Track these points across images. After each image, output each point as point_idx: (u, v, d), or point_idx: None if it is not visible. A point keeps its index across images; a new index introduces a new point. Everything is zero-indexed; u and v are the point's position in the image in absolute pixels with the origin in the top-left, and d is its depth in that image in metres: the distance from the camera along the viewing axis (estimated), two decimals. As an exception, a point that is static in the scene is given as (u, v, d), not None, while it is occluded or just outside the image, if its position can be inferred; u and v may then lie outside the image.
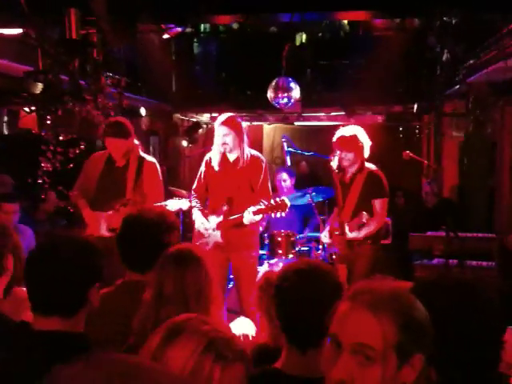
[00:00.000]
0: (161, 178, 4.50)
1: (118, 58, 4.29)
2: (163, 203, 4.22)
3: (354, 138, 4.48)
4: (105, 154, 4.46)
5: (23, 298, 1.98)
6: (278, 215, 4.31)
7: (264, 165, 4.56)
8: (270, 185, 4.62)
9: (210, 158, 4.56)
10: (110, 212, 4.24)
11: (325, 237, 4.69)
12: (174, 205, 4.27)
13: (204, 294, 2.04)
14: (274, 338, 2.23)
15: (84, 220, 4.35)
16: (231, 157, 4.46)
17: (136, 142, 4.46)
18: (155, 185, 4.39)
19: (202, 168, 4.63)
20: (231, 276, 4.71)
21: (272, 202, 4.27)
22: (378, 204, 4.43)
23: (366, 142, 4.52)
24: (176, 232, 2.53)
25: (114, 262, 2.51)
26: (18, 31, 3.71)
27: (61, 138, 4.39)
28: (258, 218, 4.33)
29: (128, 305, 2.20)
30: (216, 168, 4.49)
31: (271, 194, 4.58)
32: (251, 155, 4.50)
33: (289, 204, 4.29)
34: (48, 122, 4.00)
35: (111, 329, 2.22)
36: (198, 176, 4.68)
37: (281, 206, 4.23)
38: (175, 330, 1.25)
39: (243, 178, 4.45)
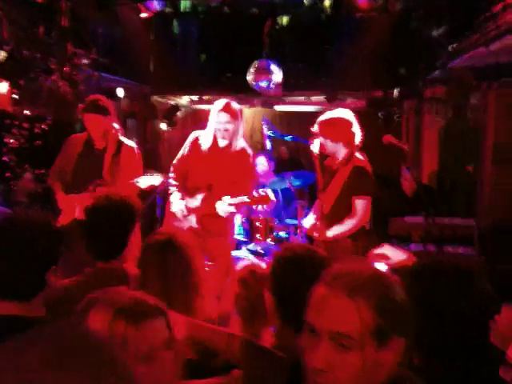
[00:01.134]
0: (140, 164, 4.42)
1: (92, 34, 4.14)
2: (134, 180, 4.15)
3: (343, 124, 4.03)
4: (84, 136, 4.38)
5: None
6: (260, 207, 4.25)
7: (251, 160, 4.49)
8: (253, 181, 4.56)
9: (198, 138, 4.46)
10: (84, 194, 4.15)
11: (307, 223, 4.31)
12: (145, 181, 4.20)
13: (187, 280, 2.00)
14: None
15: (57, 204, 4.27)
16: (221, 143, 4.37)
17: (116, 125, 4.38)
18: (132, 170, 4.30)
19: (187, 146, 4.51)
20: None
21: (255, 194, 4.19)
22: (359, 202, 3.99)
23: (357, 131, 4.05)
24: (137, 218, 2.45)
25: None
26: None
27: (27, 112, 4.25)
28: (232, 209, 4.24)
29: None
30: (204, 150, 4.40)
31: (253, 189, 4.48)
32: (241, 148, 4.42)
33: (272, 198, 4.21)
34: (14, 95, 3.85)
35: None
36: (180, 153, 4.55)
37: (264, 199, 4.15)
38: (88, 305, 1.36)
39: (228, 167, 4.36)
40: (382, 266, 2.61)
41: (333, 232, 4.03)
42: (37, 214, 1.92)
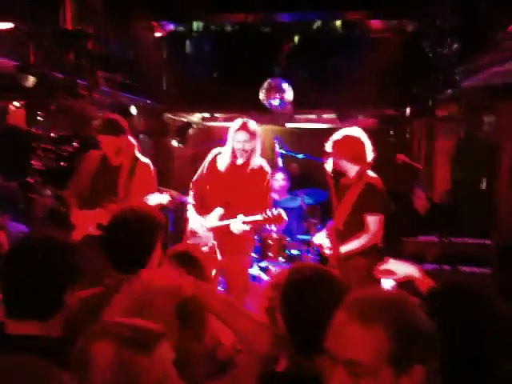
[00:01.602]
0: (154, 180, 4.45)
1: (111, 55, 4.19)
2: (144, 198, 4.17)
3: (355, 143, 4.11)
4: (100, 153, 4.42)
5: None
6: (274, 228, 4.27)
7: (269, 177, 4.52)
8: (270, 198, 4.57)
9: (216, 157, 4.51)
10: (101, 210, 4.18)
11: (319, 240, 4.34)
12: (154, 199, 4.22)
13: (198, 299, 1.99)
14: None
15: (71, 220, 4.29)
16: (239, 161, 4.43)
17: (133, 141, 4.42)
18: (146, 186, 4.33)
19: (206, 164, 4.57)
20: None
21: (269, 213, 4.20)
22: (370, 219, 4.03)
23: (369, 149, 4.13)
24: (161, 232, 2.45)
25: (101, 260, 2.43)
26: (9, 25, 3.59)
27: (52, 134, 4.29)
28: (247, 227, 4.26)
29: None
30: (222, 169, 4.45)
31: (270, 207, 4.49)
32: (259, 165, 4.46)
33: (285, 218, 4.23)
34: (39, 118, 3.89)
35: None
36: (200, 170, 4.62)
37: (277, 219, 4.18)
38: (89, 339, 1.38)
39: (246, 184, 4.40)
40: (388, 282, 2.60)
41: (345, 248, 4.05)
42: (55, 234, 1.92)
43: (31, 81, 3.52)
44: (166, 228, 5.65)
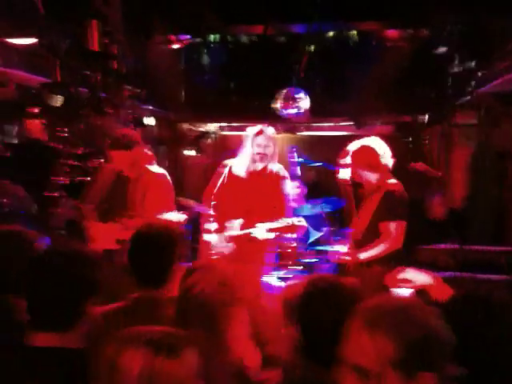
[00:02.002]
0: (170, 190, 4.45)
1: (132, 69, 4.26)
2: (160, 215, 4.18)
3: (372, 152, 4.06)
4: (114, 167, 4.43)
5: None
6: (293, 236, 4.27)
7: (288, 181, 4.53)
8: (289, 203, 4.58)
9: (232, 166, 4.54)
10: (117, 224, 4.22)
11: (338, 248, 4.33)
12: (170, 217, 4.23)
13: (227, 308, 2.02)
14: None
15: (89, 234, 4.33)
16: (258, 167, 4.44)
17: (148, 152, 4.42)
18: (163, 197, 4.34)
19: (226, 173, 4.59)
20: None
21: (290, 221, 4.21)
22: (391, 226, 3.97)
23: (387, 155, 4.08)
24: (185, 244, 2.51)
25: (119, 274, 2.48)
26: (31, 41, 3.68)
27: (79, 152, 4.35)
28: (272, 235, 4.28)
29: (147, 320, 2.17)
30: (242, 174, 4.46)
31: (290, 211, 4.52)
32: (277, 169, 4.48)
33: (305, 225, 4.24)
34: (65, 134, 3.95)
35: None
36: (220, 182, 4.63)
37: (296, 227, 4.18)
38: (119, 344, 1.36)
39: (265, 190, 4.42)
40: (405, 291, 2.59)
41: (365, 255, 4.03)
42: (75, 244, 1.96)
43: (59, 100, 3.59)
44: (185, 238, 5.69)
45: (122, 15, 3.04)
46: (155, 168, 4.45)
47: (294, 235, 4.24)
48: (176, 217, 4.27)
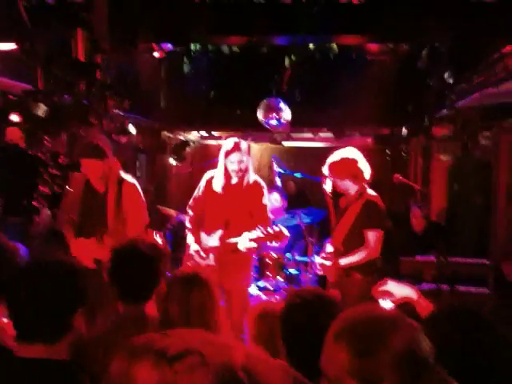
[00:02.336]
0: (142, 199, 4.35)
1: (116, 78, 4.21)
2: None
3: (351, 163, 4.19)
4: (83, 178, 4.30)
5: None
6: (275, 244, 4.26)
7: (265, 191, 4.54)
8: (268, 211, 4.59)
9: (211, 179, 4.52)
10: (93, 242, 4.14)
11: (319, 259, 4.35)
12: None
13: (209, 317, 2.01)
14: None
15: (70, 250, 4.25)
16: (233, 180, 4.44)
17: (116, 161, 4.30)
18: (136, 208, 4.25)
19: (202, 186, 4.57)
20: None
21: (270, 230, 4.21)
22: (370, 235, 4.12)
23: (365, 166, 4.22)
24: (167, 260, 2.49)
25: (99, 293, 2.44)
26: (11, 46, 3.62)
27: (60, 161, 4.27)
28: (255, 245, 4.28)
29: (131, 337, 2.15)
30: (218, 190, 4.45)
31: (270, 220, 4.53)
32: (254, 180, 4.48)
33: (287, 234, 4.24)
34: (47, 143, 3.88)
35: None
36: (196, 193, 4.61)
37: (278, 236, 4.18)
38: (129, 356, 1.26)
39: (243, 202, 4.41)
40: (386, 303, 2.61)
41: (345, 261, 4.12)
42: (61, 256, 1.93)
43: (43, 109, 3.52)
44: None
45: (108, 23, 3.01)
46: (127, 178, 4.37)
47: (278, 244, 4.22)
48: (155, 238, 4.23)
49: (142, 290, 2.32)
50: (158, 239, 4.31)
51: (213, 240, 4.39)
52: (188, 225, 4.59)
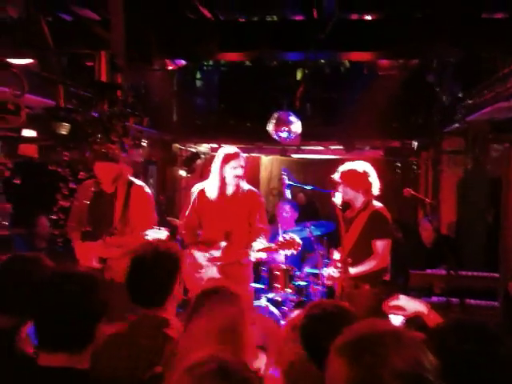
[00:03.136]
0: (151, 203, 4.43)
1: (133, 95, 4.29)
2: (143, 233, 4.17)
3: (362, 175, 4.27)
4: (93, 182, 4.39)
5: None
6: (289, 253, 4.29)
7: (262, 199, 4.58)
8: (266, 217, 4.63)
9: (204, 189, 4.53)
10: (99, 242, 4.20)
11: (333, 272, 4.38)
12: (153, 235, 4.23)
13: (237, 331, 2.03)
14: None
15: (75, 253, 4.31)
16: (229, 189, 4.45)
17: (127, 166, 4.40)
18: (143, 211, 4.32)
19: (195, 199, 4.56)
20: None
21: (281, 239, 4.25)
22: (379, 244, 4.18)
23: (375, 181, 4.30)
24: (182, 264, 2.51)
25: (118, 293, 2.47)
26: (28, 61, 3.69)
27: (80, 176, 4.34)
28: (264, 255, 4.31)
29: (148, 341, 2.19)
30: (214, 198, 4.45)
31: (267, 224, 4.59)
32: (248, 189, 4.50)
33: (300, 242, 4.27)
34: (66, 158, 3.95)
35: (129, 365, 2.18)
36: (189, 209, 4.60)
37: (292, 244, 4.21)
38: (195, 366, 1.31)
39: (241, 211, 4.43)
40: (397, 318, 2.61)
41: (355, 270, 4.14)
42: (82, 268, 1.99)
43: (66, 128, 3.59)
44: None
45: (124, 41, 3.09)
46: (136, 181, 4.44)
47: (291, 252, 4.25)
48: (158, 234, 4.26)
49: (157, 294, 2.35)
50: (163, 234, 4.30)
51: (215, 251, 4.40)
52: (183, 246, 4.61)
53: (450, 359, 1.56)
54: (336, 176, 4.34)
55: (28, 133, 4.52)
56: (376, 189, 4.30)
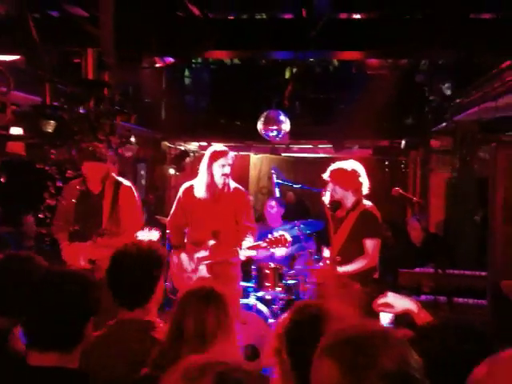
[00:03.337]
0: (138, 203, 4.42)
1: (122, 93, 4.27)
2: (134, 234, 4.15)
3: (352, 174, 4.27)
4: (79, 181, 4.37)
5: None
6: (278, 251, 4.29)
7: (248, 197, 4.59)
8: (253, 215, 4.63)
9: (192, 187, 4.51)
10: (88, 243, 4.18)
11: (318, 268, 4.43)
12: (144, 236, 4.21)
13: (224, 332, 2.03)
14: None
15: (62, 255, 4.29)
16: (217, 188, 4.44)
17: (112, 165, 4.40)
18: (132, 210, 4.32)
19: (181, 198, 4.52)
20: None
21: (271, 237, 4.25)
22: (368, 244, 4.17)
23: (365, 180, 4.31)
24: (165, 264, 2.49)
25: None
26: (15, 57, 3.67)
27: (67, 175, 4.32)
28: (254, 253, 4.31)
29: (131, 343, 2.18)
30: (202, 197, 4.43)
31: (256, 226, 4.59)
32: (235, 187, 4.50)
33: (289, 239, 4.27)
34: (53, 156, 3.93)
35: (118, 364, 2.18)
36: (174, 207, 4.56)
37: (281, 241, 4.21)
38: (193, 373, 1.28)
39: (228, 209, 4.42)
40: (386, 316, 2.61)
41: (344, 269, 4.14)
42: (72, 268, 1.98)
43: (52, 126, 3.57)
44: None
45: (114, 39, 3.07)
46: (123, 181, 4.43)
47: (282, 249, 4.25)
48: (149, 235, 4.24)
49: (136, 293, 2.32)
50: (155, 235, 4.29)
51: (203, 251, 4.39)
52: (172, 244, 4.61)
53: (434, 358, 1.57)
54: (326, 175, 4.35)
55: (15, 130, 4.50)
56: (366, 188, 4.30)
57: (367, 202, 4.33)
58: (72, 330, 1.81)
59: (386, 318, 2.65)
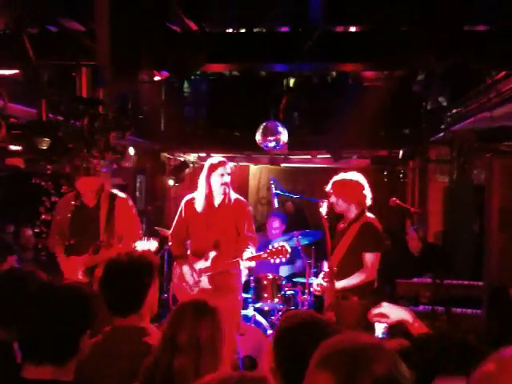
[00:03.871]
0: (135, 213, 4.46)
1: (118, 105, 4.29)
2: (132, 244, 4.18)
3: (355, 187, 4.26)
4: (73, 195, 4.40)
5: None
6: (278, 261, 4.30)
7: (249, 208, 4.60)
8: (254, 225, 4.65)
9: (192, 199, 4.53)
10: (85, 256, 4.20)
11: (322, 281, 4.36)
12: (142, 246, 4.24)
13: (217, 345, 2.05)
14: None
15: (60, 267, 4.30)
16: (216, 199, 4.46)
17: (107, 178, 4.43)
18: (129, 222, 4.35)
19: (182, 210, 4.57)
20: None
21: (271, 247, 4.27)
22: (368, 257, 4.16)
23: (368, 193, 4.31)
24: (156, 273, 2.51)
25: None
26: (13, 71, 3.70)
27: (62, 190, 4.35)
28: (253, 264, 4.33)
29: (126, 348, 2.20)
30: (200, 210, 4.46)
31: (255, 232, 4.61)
32: (235, 198, 4.52)
33: (289, 250, 4.29)
34: (48, 171, 3.96)
35: (112, 373, 2.19)
36: (176, 220, 4.61)
37: (281, 252, 4.23)
38: None
39: (229, 220, 4.44)
40: (380, 326, 2.62)
41: (342, 284, 4.13)
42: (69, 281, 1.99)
43: (46, 143, 3.59)
44: (161, 267, 5.67)
45: (110, 53, 3.09)
46: (118, 193, 4.46)
47: (281, 259, 4.27)
48: (148, 245, 4.27)
49: (127, 301, 2.35)
50: (153, 244, 4.32)
51: (205, 262, 4.40)
52: (174, 253, 4.63)
53: (426, 371, 1.58)
54: (328, 187, 4.34)
55: (14, 146, 4.53)
56: (369, 200, 4.30)
57: (370, 215, 4.32)
58: (68, 343, 1.82)
59: (380, 328, 2.65)
